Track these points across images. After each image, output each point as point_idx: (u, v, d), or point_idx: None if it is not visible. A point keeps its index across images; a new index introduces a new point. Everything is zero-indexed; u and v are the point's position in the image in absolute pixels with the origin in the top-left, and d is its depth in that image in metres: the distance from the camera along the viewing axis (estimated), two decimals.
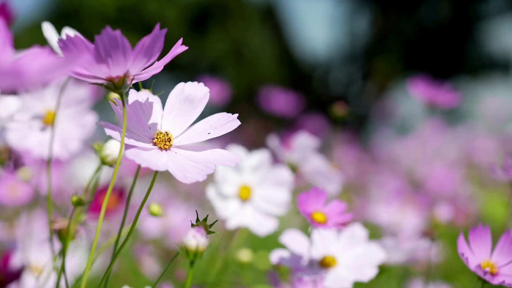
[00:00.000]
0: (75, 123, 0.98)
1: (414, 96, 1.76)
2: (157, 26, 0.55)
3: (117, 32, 0.55)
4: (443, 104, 1.72)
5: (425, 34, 8.64)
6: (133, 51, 0.56)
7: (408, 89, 1.76)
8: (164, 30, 0.56)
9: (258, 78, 7.91)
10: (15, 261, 1.01)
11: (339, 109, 1.52)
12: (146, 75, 0.61)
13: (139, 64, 0.58)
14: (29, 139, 0.95)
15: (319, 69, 9.02)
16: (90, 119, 0.98)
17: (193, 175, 0.58)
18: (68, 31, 0.82)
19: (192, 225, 0.65)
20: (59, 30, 0.84)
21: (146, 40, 0.56)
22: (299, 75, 8.69)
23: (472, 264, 0.74)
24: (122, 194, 1.30)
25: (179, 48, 0.60)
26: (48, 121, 0.97)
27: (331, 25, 10.52)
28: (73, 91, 0.98)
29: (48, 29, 0.78)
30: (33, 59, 0.45)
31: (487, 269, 0.73)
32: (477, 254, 0.75)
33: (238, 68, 8.45)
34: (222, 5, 8.56)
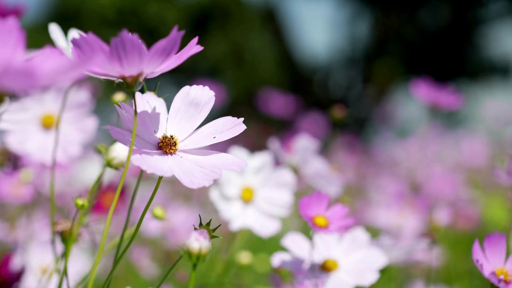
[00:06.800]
0: (75, 127, 0.97)
1: (416, 98, 1.76)
2: (175, 30, 0.55)
3: (134, 36, 0.54)
4: (446, 106, 1.72)
5: (425, 38, 8.64)
6: (148, 53, 0.56)
7: (411, 91, 1.75)
8: (181, 33, 0.56)
9: (259, 81, 7.90)
10: (15, 263, 1.01)
11: (337, 112, 1.53)
12: (157, 73, 0.61)
13: (153, 65, 0.58)
14: (29, 143, 0.94)
15: (320, 72, 9.02)
16: (91, 123, 0.97)
17: (199, 180, 0.58)
18: (76, 33, 0.81)
19: (195, 229, 0.65)
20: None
21: (162, 43, 0.56)
22: (300, 78, 8.68)
23: (486, 271, 0.74)
24: (123, 193, 1.30)
25: (194, 48, 0.60)
26: (47, 124, 0.96)
27: (331, 28, 10.52)
28: (74, 94, 0.96)
29: (55, 31, 0.78)
30: (45, 60, 0.45)
31: (501, 276, 0.73)
32: (491, 261, 0.76)
33: (238, 71, 8.45)
34: (223, 8, 8.55)
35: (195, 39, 0.60)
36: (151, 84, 0.69)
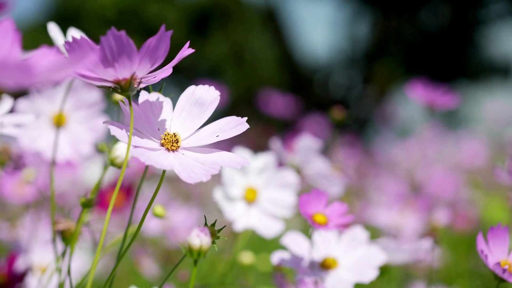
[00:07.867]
0: (86, 126, 0.98)
1: (412, 99, 1.76)
2: (163, 27, 0.56)
3: (122, 33, 0.55)
4: (441, 106, 1.73)
5: (425, 38, 8.65)
6: (138, 52, 0.57)
7: (407, 93, 1.76)
8: (170, 32, 0.56)
9: (259, 82, 7.90)
10: (19, 263, 1.02)
11: (337, 113, 1.53)
12: (155, 78, 0.62)
13: (145, 66, 0.59)
14: (40, 141, 0.95)
15: (320, 73, 9.03)
16: (102, 123, 0.98)
17: (198, 175, 0.58)
18: (73, 32, 0.82)
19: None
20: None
21: (151, 41, 0.56)
22: (300, 78, 8.69)
23: (491, 262, 0.75)
24: (129, 191, 1.30)
25: (186, 51, 0.61)
26: (58, 123, 0.96)
27: (332, 29, 10.54)
28: (85, 94, 0.97)
29: (53, 29, 0.78)
30: (41, 58, 0.46)
31: (506, 267, 0.74)
32: (494, 253, 0.77)
33: (238, 72, 8.45)
34: (223, 8, 8.56)
35: (187, 44, 0.61)
36: (155, 86, 0.70)
